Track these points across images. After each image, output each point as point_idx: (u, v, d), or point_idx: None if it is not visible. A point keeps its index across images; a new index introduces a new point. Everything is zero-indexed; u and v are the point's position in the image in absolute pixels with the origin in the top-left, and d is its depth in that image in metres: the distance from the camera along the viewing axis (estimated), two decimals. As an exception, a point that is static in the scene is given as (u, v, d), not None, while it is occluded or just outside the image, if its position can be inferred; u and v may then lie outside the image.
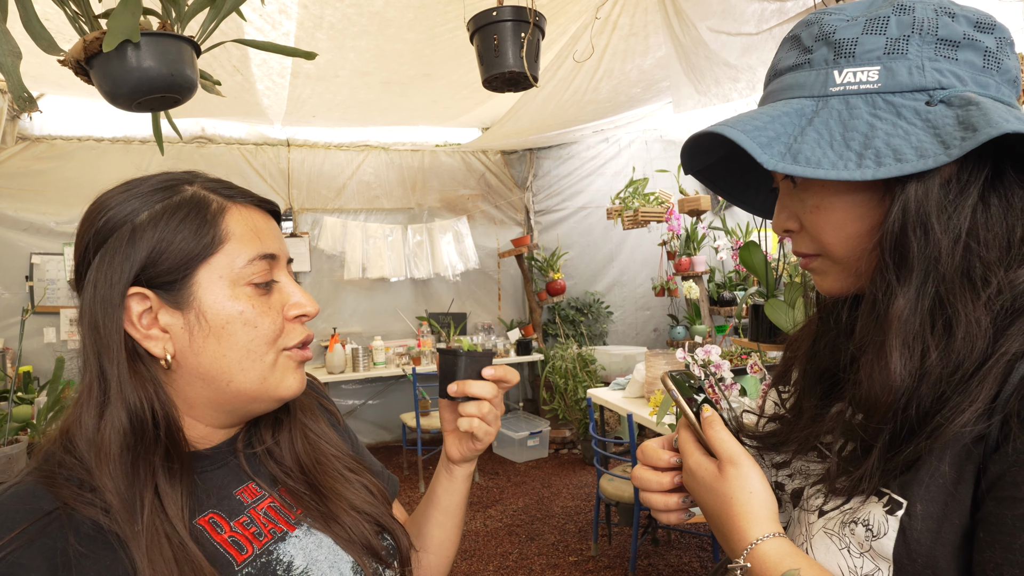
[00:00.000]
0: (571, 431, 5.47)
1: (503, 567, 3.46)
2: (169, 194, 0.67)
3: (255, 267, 0.68)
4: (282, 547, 0.70)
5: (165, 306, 0.66)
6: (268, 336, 0.69)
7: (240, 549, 0.67)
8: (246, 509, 0.71)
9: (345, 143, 5.46)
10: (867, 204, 0.58)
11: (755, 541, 0.57)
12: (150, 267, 0.65)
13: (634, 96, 4.18)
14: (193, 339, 0.66)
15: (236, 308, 0.67)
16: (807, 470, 0.67)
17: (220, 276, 0.67)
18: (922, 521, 0.52)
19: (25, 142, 4.50)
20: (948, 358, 0.53)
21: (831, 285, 0.64)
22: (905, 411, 0.54)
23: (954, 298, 0.53)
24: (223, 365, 0.67)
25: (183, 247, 0.65)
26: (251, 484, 0.73)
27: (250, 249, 0.68)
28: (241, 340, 0.67)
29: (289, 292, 0.72)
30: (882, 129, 0.53)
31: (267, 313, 0.69)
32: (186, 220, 0.66)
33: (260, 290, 0.69)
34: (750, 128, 0.57)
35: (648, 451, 0.70)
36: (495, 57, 1.46)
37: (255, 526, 0.70)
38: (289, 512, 0.74)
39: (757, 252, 2.22)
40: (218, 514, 0.68)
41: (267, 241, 0.70)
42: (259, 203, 0.73)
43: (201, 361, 0.67)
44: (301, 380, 0.73)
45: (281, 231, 0.76)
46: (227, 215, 0.68)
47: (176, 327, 0.66)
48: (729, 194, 0.80)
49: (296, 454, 0.78)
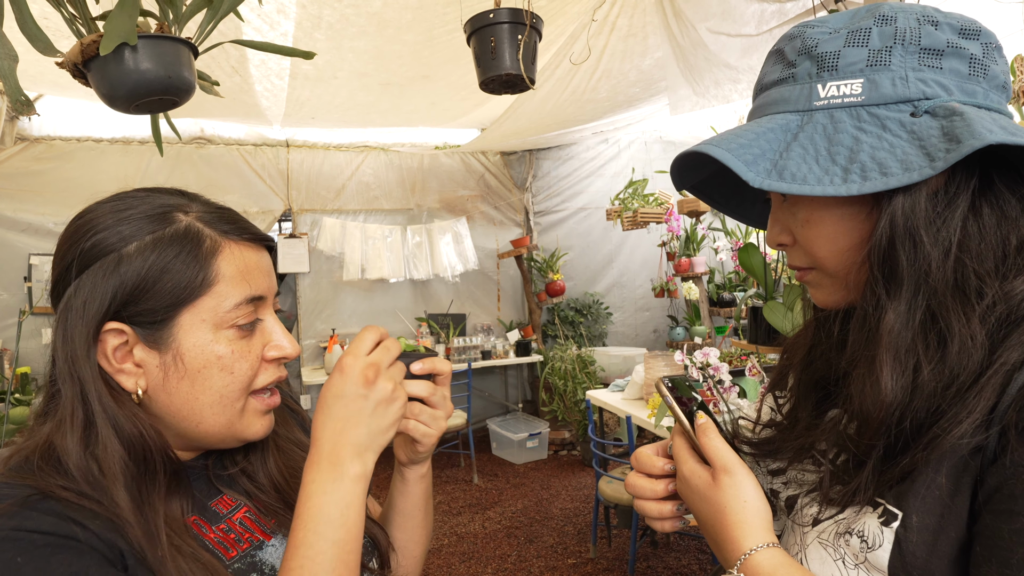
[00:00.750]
0: (570, 432, 5.46)
1: (501, 569, 3.45)
2: (162, 225, 0.64)
3: (241, 311, 0.66)
4: (260, 554, 0.70)
5: (142, 343, 0.64)
6: (243, 382, 0.67)
7: (227, 549, 0.68)
8: (223, 519, 0.71)
9: (344, 144, 5.45)
10: (856, 217, 0.57)
11: (749, 551, 0.56)
12: (131, 304, 0.62)
13: (633, 96, 4.17)
14: (167, 379, 0.64)
15: (215, 352, 0.65)
16: (802, 479, 0.66)
17: (203, 320, 0.64)
18: (918, 533, 0.51)
19: (24, 143, 4.49)
20: (942, 373, 0.52)
21: (825, 298, 0.64)
22: (899, 425, 0.53)
23: (947, 312, 0.52)
24: (194, 407, 0.65)
25: (169, 289, 0.63)
26: (224, 496, 0.73)
27: (238, 292, 0.66)
28: (216, 385, 0.65)
29: (270, 331, 0.71)
30: (867, 143, 0.53)
31: (246, 357, 0.67)
32: (176, 259, 0.63)
33: (243, 332, 0.67)
34: (735, 147, 0.57)
35: (642, 458, 0.69)
36: (492, 59, 1.45)
37: (234, 533, 0.70)
38: (264, 522, 0.74)
39: (756, 254, 2.22)
40: (201, 518, 0.69)
41: (256, 282, 0.68)
42: (254, 239, 0.70)
43: (173, 400, 0.65)
44: (267, 425, 0.72)
45: (272, 266, 0.74)
46: (219, 256, 0.66)
47: (151, 365, 0.64)
48: (724, 206, 0.80)
49: (269, 473, 0.77)
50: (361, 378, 0.64)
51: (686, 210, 4.89)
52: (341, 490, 0.63)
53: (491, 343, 5.62)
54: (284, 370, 0.73)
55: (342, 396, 0.64)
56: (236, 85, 3.51)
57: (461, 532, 3.96)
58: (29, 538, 0.54)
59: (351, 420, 0.64)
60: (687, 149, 0.61)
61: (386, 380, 0.66)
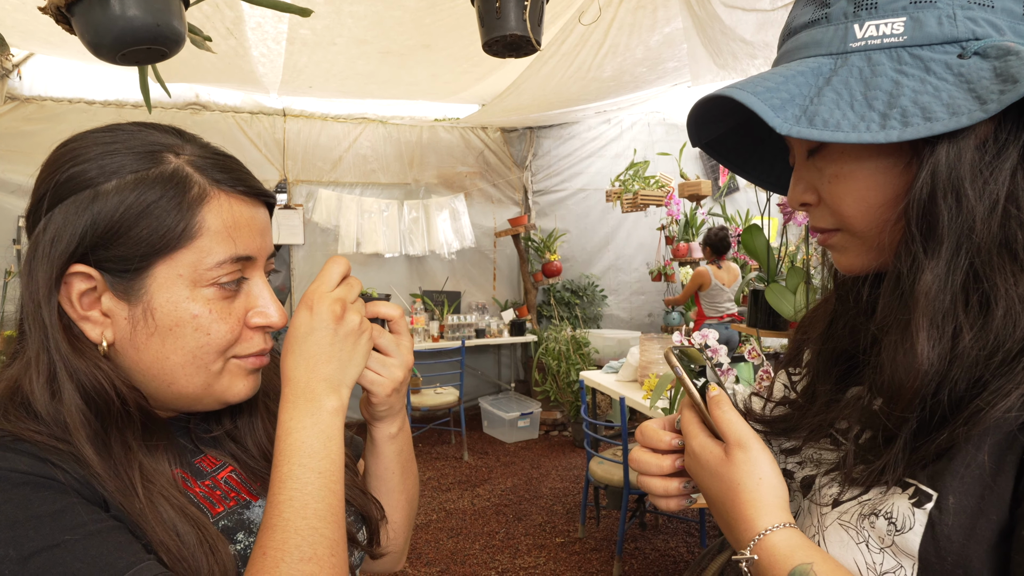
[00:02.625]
0: (562, 413, 5.46)
1: (489, 546, 3.45)
2: (148, 164, 0.58)
3: (223, 270, 0.61)
4: (247, 513, 0.66)
5: (111, 292, 0.59)
6: (220, 345, 0.62)
7: (212, 504, 0.64)
8: (207, 475, 0.67)
9: (342, 115, 5.36)
10: (891, 171, 0.52)
11: (764, 531, 0.52)
12: (102, 247, 0.57)
13: (639, 76, 4.10)
14: (136, 334, 0.59)
15: (190, 311, 0.59)
16: (819, 458, 0.62)
17: (180, 275, 0.59)
18: (954, 516, 0.47)
19: (14, 102, 4.39)
20: (985, 338, 0.48)
21: (851, 262, 0.59)
22: (935, 397, 0.49)
23: (991, 271, 0.48)
24: (164, 367, 0.60)
25: (145, 236, 0.57)
26: (208, 455, 0.69)
27: (222, 250, 0.60)
28: (188, 345, 0.60)
29: (257, 295, 0.65)
30: (908, 86, 0.48)
31: (225, 319, 0.62)
32: (157, 203, 0.57)
33: (225, 291, 0.61)
34: (761, 90, 0.52)
35: (648, 432, 0.65)
36: (496, 19, 1.39)
37: (219, 490, 0.66)
38: (250, 482, 0.70)
39: (759, 236, 2.17)
40: (185, 472, 0.65)
41: (245, 240, 0.62)
42: (249, 192, 0.64)
43: (142, 357, 0.60)
44: (252, 385, 0.67)
45: (269, 223, 0.68)
46: (206, 206, 0.59)
47: (119, 316, 0.59)
48: (741, 168, 0.74)
49: (258, 440, 0.73)
50: (329, 314, 0.63)
51: (687, 194, 4.84)
52: (321, 423, 0.61)
53: (485, 322, 5.58)
54: (271, 340, 0.68)
55: (312, 332, 0.63)
56: (231, 49, 3.42)
57: (450, 508, 3.95)
58: (6, 476, 0.50)
59: (322, 356, 0.63)
60: (707, 95, 0.56)
61: (353, 313, 0.65)
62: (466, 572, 3.18)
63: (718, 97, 0.54)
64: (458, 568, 3.22)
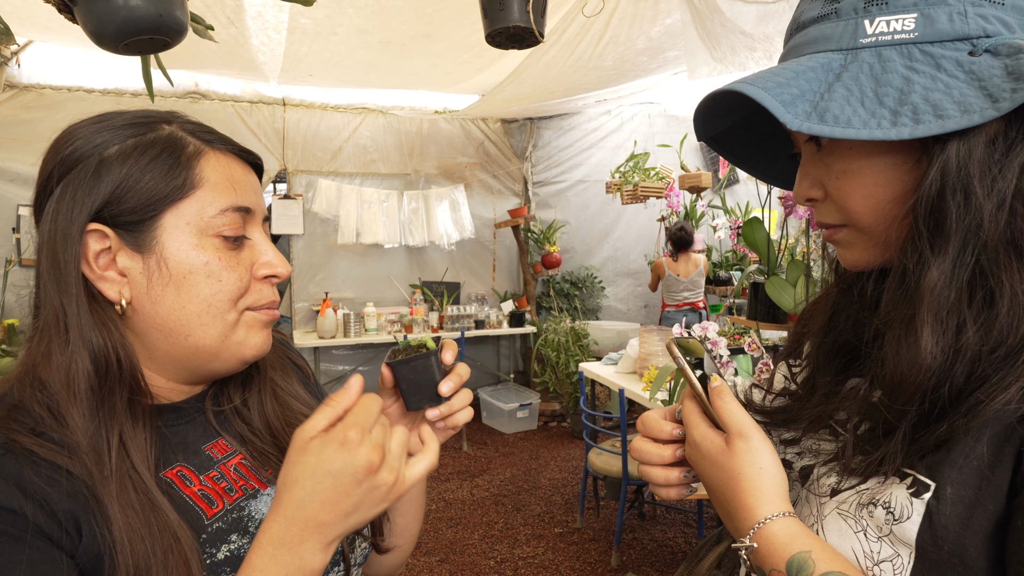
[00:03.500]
0: (561, 404, 5.47)
1: (488, 536, 3.47)
2: (144, 130, 0.64)
3: (226, 218, 0.64)
4: (253, 504, 0.67)
5: (125, 248, 0.62)
6: (232, 292, 0.64)
7: (210, 503, 0.64)
8: (216, 464, 0.68)
9: (342, 105, 5.34)
10: (900, 167, 0.53)
11: (763, 520, 0.53)
12: (114, 203, 0.60)
13: (640, 65, 4.08)
14: (151, 286, 0.62)
15: (200, 258, 0.63)
16: (817, 448, 0.63)
17: (187, 223, 0.63)
18: (952, 505, 0.48)
19: (13, 90, 4.37)
20: (989, 334, 0.48)
21: (856, 257, 0.59)
22: (936, 390, 0.49)
23: (997, 268, 0.48)
24: (181, 317, 0.63)
25: (151, 186, 0.61)
26: (221, 440, 0.70)
27: (223, 199, 0.64)
28: (202, 293, 0.63)
29: (261, 250, 0.68)
30: (919, 83, 0.48)
31: (234, 268, 0.65)
32: (158, 159, 0.62)
33: (229, 244, 0.65)
34: (771, 85, 0.52)
35: (649, 422, 0.66)
36: (500, 11, 1.38)
37: (226, 481, 0.67)
38: (260, 470, 0.71)
39: (760, 229, 2.18)
40: (187, 467, 0.65)
41: (243, 193, 0.66)
42: (239, 152, 0.69)
43: (158, 311, 0.63)
44: (265, 340, 0.69)
45: (260, 186, 0.72)
46: (203, 160, 0.64)
47: (135, 271, 0.62)
48: (745, 162, 0.75)
49: (265, 416, 0.74)
50: (365, 462, 0.54)
51: (687, 186, 4.83)
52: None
53: (485, 313, 5.59)
54: (276, 292, 0.70)
55: (336, 475, 0.53)
56: (232, 38, 3.40)
57: (449, 498, 3.97)
58: None
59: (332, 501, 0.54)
60: (717, 89, 0.56)
61: (387, 472, 0.55)
62: (465, 562, 3.20)
63: (726, 92, 0.55)
64: (457, 558, 3.24)
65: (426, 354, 0.70)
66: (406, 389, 0.71)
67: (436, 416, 0.71)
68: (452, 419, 0.73)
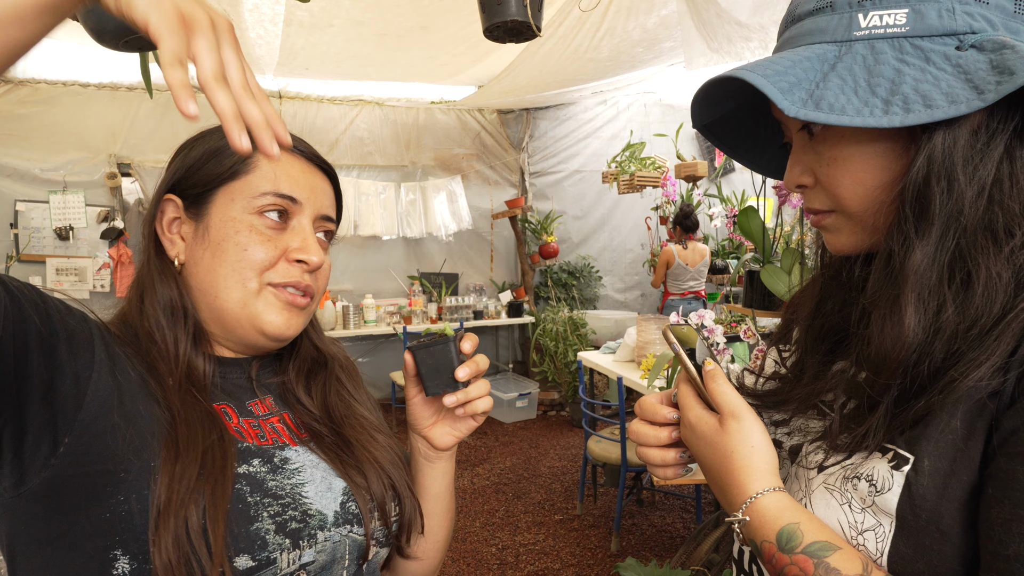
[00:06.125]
0: (560, 393, 5.52)
1: (490, 523, 3.52)
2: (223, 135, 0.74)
3: (266, 200, 0.72)
4: (278, 452, 0.71)
5: (187, 216, 0.74)
6: (256, 263, 0.71)
7: (241, 437, 0.70)
8: (255, 417, 0.74)
9: (339, 97, 5.34)
10: (889, 155, 0.55)
11: (755, 495, 0.56)
12: (184, 179, 0.74)
13: (636, 56, 4.09)
14: (196, 249, 0.72)
15: (236, 228, 0.71)
16: (806, 428, 0.66)
17: (232, 200, 0.72)
18: (929, 476, 0.51)
19: (8, 85, 4.37)
20: (965, 313, 0.51)
21: (844, 242, 0.62)
22: (916, 367, 0.52)
23: (975, 251, 0.51)
24: (211, 279, 0.71)
25: (213, 167, 0.73)
26: (267, 399, 0.77)
27: (268, 184, 0.72)
28: (230, 258, 0.71)
29: (301, 237, 0.74)
30: (910, 75, 0.51)
31: (264, 244, 0.71)
32: (223, 149, 0.73)
33: (269, 221, 0.72)
34: (770, 73, 0.54)
35: (646, 406, 0.69)
36: (497, 5, 1.40)
37: (259, 429, 0.72)
38: (297, 432, 0.76)
39: (755, 217, 2.20)
40: (229, 406, 0.72)
41: (290, 184, 0.73)
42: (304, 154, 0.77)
43: (198, 271, 0.72)
44: (287, 322, 0.73)
45: (326, 189, 0.79)
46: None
47: (189, 236, 0.73)
48: (735, 151, 0.77)
49: (327, 405, 0.80)
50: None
51: (683, 174, 4.84)
52: None
53: (483, 303, 5.62)
54: (306, 277, 0.74)
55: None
56: (228, 30, 3.40)
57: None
58: None
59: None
60: (717, 75, 0.58)
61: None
62: (467, 549, 3.25)
63: (725, 78, 0.57)
64: (459, 545, 3.29)
65: (444, 340, 0.74)
66: (425, 374, 0.75)
67: (453, 402, 0.75)
68: (471, 406, 0.76)
